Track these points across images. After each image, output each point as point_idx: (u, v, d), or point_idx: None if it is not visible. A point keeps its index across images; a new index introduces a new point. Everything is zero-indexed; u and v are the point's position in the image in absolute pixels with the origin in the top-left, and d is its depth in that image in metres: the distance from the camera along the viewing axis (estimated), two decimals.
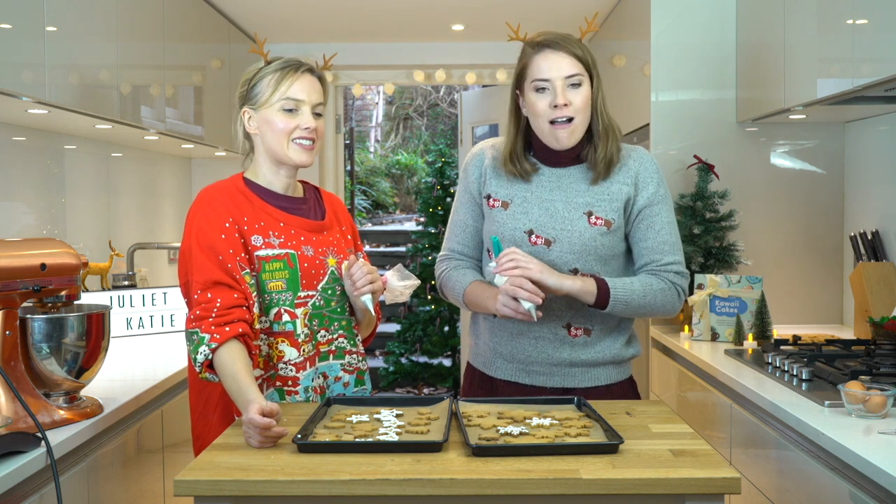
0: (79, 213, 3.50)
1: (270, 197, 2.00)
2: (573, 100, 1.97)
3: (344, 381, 2.02)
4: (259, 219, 1.95)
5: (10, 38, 2.33)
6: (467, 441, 1.52)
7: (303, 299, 1.95)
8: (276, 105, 1.95)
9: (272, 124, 1.95)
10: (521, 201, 2.06)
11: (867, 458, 1.63)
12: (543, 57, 1.99)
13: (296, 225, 1.98)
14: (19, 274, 1.84)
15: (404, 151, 13.56)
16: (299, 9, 4.39)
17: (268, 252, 1.93)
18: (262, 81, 1.97)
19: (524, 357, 2.08)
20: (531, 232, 2.04)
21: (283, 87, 1.95)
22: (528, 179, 2.07)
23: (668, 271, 2.05)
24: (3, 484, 1.56)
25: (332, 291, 2.01)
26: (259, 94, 1.97)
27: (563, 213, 2.04)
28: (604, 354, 2.09)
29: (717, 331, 3.03)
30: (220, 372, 1.77)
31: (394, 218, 12.55)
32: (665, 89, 3.52)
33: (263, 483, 1.42)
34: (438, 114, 13.72)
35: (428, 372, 7.15)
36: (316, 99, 1.98)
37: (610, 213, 2.03)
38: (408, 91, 13.32)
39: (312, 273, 1.97)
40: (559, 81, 1.97)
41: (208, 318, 1.80)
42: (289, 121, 1.95)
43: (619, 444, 1.54)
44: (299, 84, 1.96)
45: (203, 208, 1.93)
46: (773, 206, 3.50)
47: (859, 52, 2.46)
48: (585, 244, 2.02)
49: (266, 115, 1.96)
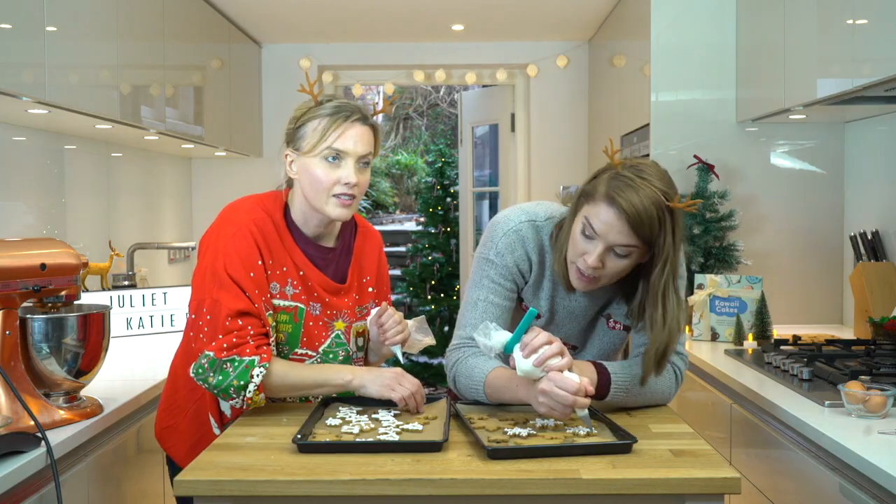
0: (79, 213, 3.50)
1: (302, 241, 1.90)
2: (609, 266, 1.75)
3: None
4: (283, 263, 1.86)
5: (10, 38, 2.33)
6: (482, 443, 1.52)
7: (299, 356, 1.89)
8: (319, 155, 1.82)
9: (313, 175, 1.82)
10: (553, 314, 1.93)
11: (867, 458, 1.63)
12: (607, 212, 1.71)
13: (314, 279, 1.89)
14: (19, 274, 1.84)
15: (404, 151, 13.56)
16: (299, 9, 4.39)
17: (280, 302, 1.86)
18: (309, 125, 1.84)
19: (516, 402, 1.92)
20: None
21: (330, 137, 1.81)
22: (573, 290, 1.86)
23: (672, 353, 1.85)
24: (3, 484, 1.56)
25: (335, 356, 1.93)
26: (303, 139, 1.84)
27: (586, 320, 1.95)
28: None
29: (717, 331, 3.03)
30: (284, 376, 1.77)
31: (394, 218, 12.55)
32: (665, 89, 3.52)
33: (263, 483, 1.42)
34: (438, 114, 13.72)
35: (428, 372, 7.14)
36: (364, 150, 1.84)
37: (627, 319, 1.93)
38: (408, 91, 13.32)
39: (315, 333, 1.90)
40: (603, 244, 1.73)
41: (245, 343, 1.74)
42: (330, 173, 1.81)
43: (632, 443, 1.53)
44: (347, 134, 1.82)
45: (236, 238, 1.82)
46: (773, 207, 3.50)
47: (859, 52, 2.46)
48: (604, 349, 1.98)
49: (308, 163, 1.83)
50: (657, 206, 1.69)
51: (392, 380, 1.77)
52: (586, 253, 1.74)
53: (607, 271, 1.76)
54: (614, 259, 1.74)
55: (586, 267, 1.75)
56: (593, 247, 1.74)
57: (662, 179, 1.74)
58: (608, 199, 1.71)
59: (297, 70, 5.01)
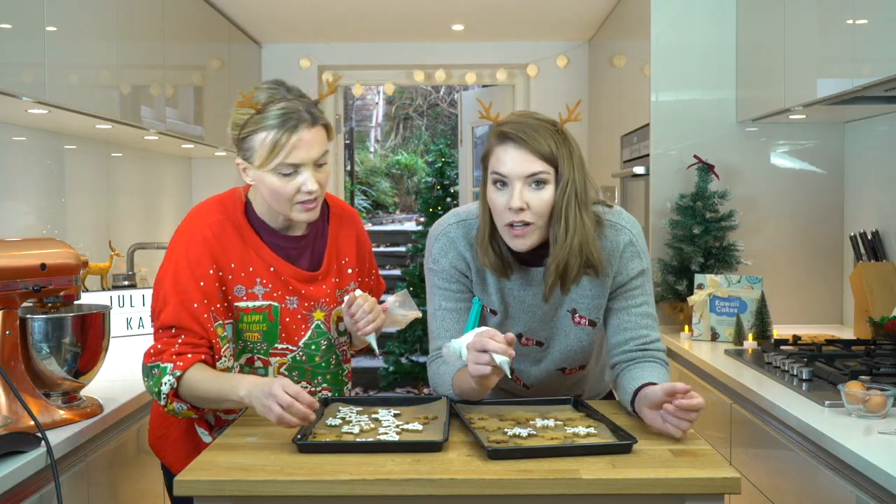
0: (79, 213, 3.50)
1: (267, 234, 1.87)
2: (532, 203, 1.74)
3: None
4: (249, 263, 1.84)
5: (10, 38, 2.33)
6: (482, 444, 1.52)
7: (280, 350, 1.89)
8: (273, 170, 1.76)
9: (270, 187, 1.78)
10: (508, 308, 1.90)
11: (867, 458, 1.63)
12: (504, 150, 1.75)
13: (286, 273, 1.87)
14: (19, 274, 1.84)
15: (404, 151, 13.56)
16: (299, 9, 4.39)
17: (248, 304, 1.84)
18: (256, 138, 1.77)
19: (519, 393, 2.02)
20: (521, 335, 1.92)
21: (281, 153, 1.74)
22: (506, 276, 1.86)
23: (658, 350, 1.90)
24: (3, 484, 1.56)
25: (317, 346, 1.92)
26: (252, 151, 1.78)
27: (550, 312, 1.90)
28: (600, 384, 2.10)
29: (717, 331, 3.03)
30: (194, 387, 1.70)
31: (394, 218, 12.56)
32: (665, 89, 3.52)
33: (263, 483, 1.42)
34: (438, 114, 13.72)
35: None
36: (318, 154, 1.78)
37: (593, 312, 1.90)
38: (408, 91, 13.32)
39: (293, 328, 1.89)
40: (518, 182, 1.74)
41: (169, 351, 1.74)
42: (287, 184, 1.76)
43: (632, 443, 1.53)
44: (300, 146, 1.75)
45: (188, 246, 1.81)
46: (773, 206, 3.50)
47: (859, 52, 2.46)
48: (570, 345, 1.92)
49: (262, 176, 1.78)
50: (545, 127, 1.76)
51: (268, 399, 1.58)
52: (508, 201, 1.74)
53: (534, 211, 1.74)
54: (533, 194, 1.74)
55: (513, 214, 1.75)
56: (509, 192, 1.75)
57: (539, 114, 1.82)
58: (501, 138, 1.77)
59: (297, 70, 5.02)
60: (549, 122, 1.79)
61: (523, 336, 1.92)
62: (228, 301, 1.84)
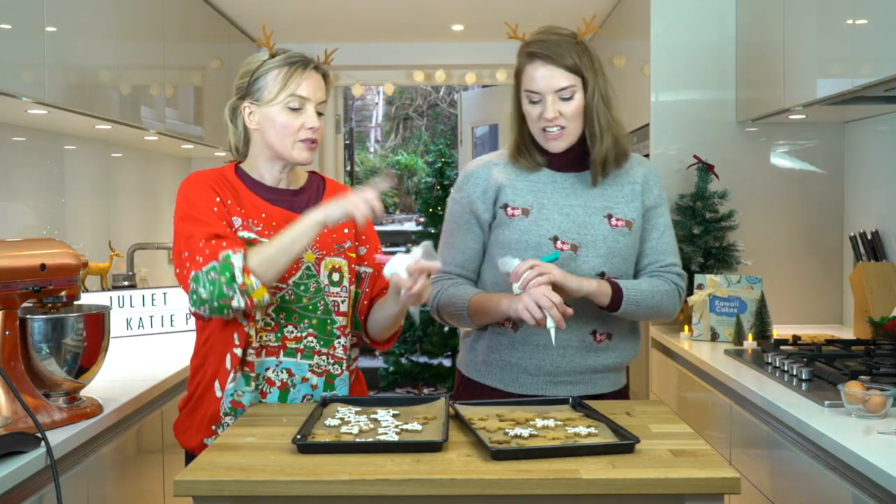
0: (79, 214, 3.50)
1: (258, 188, 1.97)
2: (564, 111, 1.98)
3: (312, 382, 1.94)
4: (241, 206, 1.93)
5: (10, 38, 2.33)
6: (485, 444, 1.52)
7: (270, 290, 1.89)
8: (281, 103, 1.90)
9: (276, 123, 1.91)
10: (541, 208, 2.04)
11: (867, 458, 1.63)
12: (534, 68, 1.98)
13: (278, 217, 1.93)
14: (19, 274, 1.84)
15: (404, 151, 13.56)
16: (299, 9, 4.40)
17: (245, 234, 1.90)
18: (268, 76, 1.92)
19: (552, 369, 2.05)
20: (556, 238, 2.02)
21: (291, 85, 1.90)
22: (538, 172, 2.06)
23: (670, 272, 2.10)
24: (3, 484, 1.56)
25: (306, 288, 1.95)
26: (263, 90, 1.92)
27: (584, 217, 2.04)
28: (624, 357, 2.12)
29: (717, 331, 3.03)
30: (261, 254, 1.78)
31: (394, 218, 12.56)
32: (665, 89, 3.52)
33: (263, 483, 1.42)
34: (438, 114, 13.72)
35: (428, 372, 7.14)
36: (321, 97, 1.94)
37: (629, 214, 2.07)
38: (408, 91, 13.32)
39: None
40: (550, 95, 1.97)
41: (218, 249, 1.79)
42: (294, 119, 1.90)
43: (634, 443, 1.53)
44: (307, 82, 1.91)
45: (193, 187, 1.91)
46: (773, 206, 3.50)
47: (859, 52, 2.46)
48: (610, 247, 2.03)
49: (270, 112, 1.91)
50: (568, 41, 2.00)
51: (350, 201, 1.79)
52: (542, 113, 1.98)
53: (567, 118, 1.98)
54: (564, 104, 1.98)
55: (549, 122, 1.98)
56: (544, 104, 1.98)
57: (560, 27, 2.05)
58: (530, 58, 2.00)
59: None
60: (570, 35, 2.02)
61: (559, 239, 2.02)
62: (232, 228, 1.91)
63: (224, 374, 1.91)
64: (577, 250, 2.02)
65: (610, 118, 2.02)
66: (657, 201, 2.13)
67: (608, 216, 2.05)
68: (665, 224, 2.13)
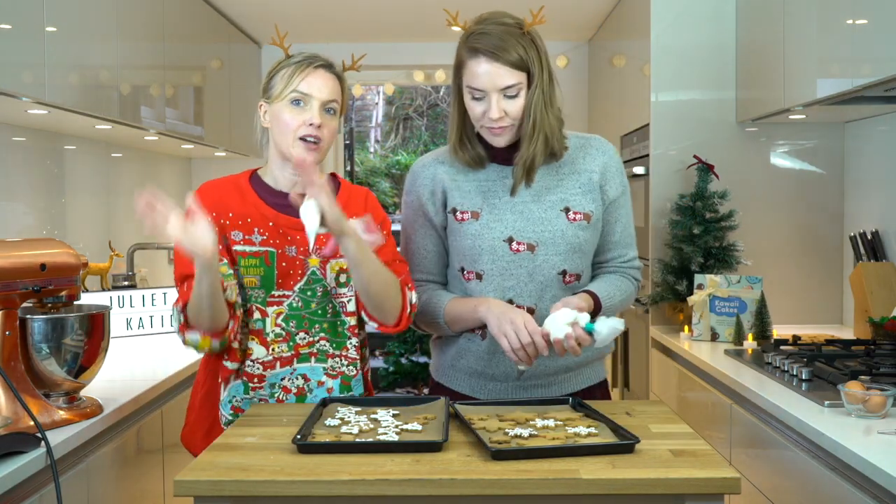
0: (79, 214, 3.50)
1: (269, 194, 1.96)
2: (509, 110, 1.87)
3: (327, 385, 1.95)
4: (246, 215, 1.93)
5: (10, 38, 2.33)
6: (485, 444, 1.52)
7: (277, 298, 1.92)
8: (286, 99, 1.91)
9: (280, 118, 1.91)
10: (492, 208, 1.96)
11: (867, 458, 1.63)
12: (477, 64, 1.86)
13: (284, 224, 1.93)
14: (19, 274, 1.84)
15: (404, 151, 13.56)
16: (299, 9, 4.40)
17: (244, 248, 1.91)
18: (278, 75, 1.95)
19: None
20: (511, 240, 1.94)
21: (294, 81, 1.91)
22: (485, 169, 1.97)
23: (632, 267, 2.06)
24: (3, 484, 1.56)
25: (313, 293, 1.95)
26: (273, 87, 1.94)
27: (539, 213, 1.95)
28: (596, 351, 2.05)
29: (717, 331, 3.03)
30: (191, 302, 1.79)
31: (394, 218, 12.55)
32: (665, 89, 3.52)
33: (263, 483, 1.42)
34: (438, 114, 13.72)
35: (428, 372, 7.14)
36: (327, 96, 1.92)
37: (587, 206, 1.96)
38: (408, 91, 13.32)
39: (290, 273, 1.93)
40: (494, 94, 1.85)
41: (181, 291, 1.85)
42: (296, 116, 1.90)
43: (634, 443, 1.53)
44: (311, 78, 1.91)
45: None
46: (773, 206, 3.50)
47: (859, 52, 2.46)
48: (570, 244, 1.95)
49: (277, 109, 1.92)
50: (513, 35, 1.85)
51: None
52: (486, 111, 1.87)
53: (512, 116, 1.88)
54: (509, 102, 1.86)
55: (493, 122, 1.87)
56: (488, 102, 1.86)
57: (506, 15, 1.90)
58: (473, 53, 1.87)
59: None
60: (516, 25, 1.88)
61: (514, 241, 1.94)
62: (227, 245, 1.91)
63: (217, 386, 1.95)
64: (535, 249, 1.94)
65: (546, 117, 1.89)
66: (619, 191, 2.01)
67: (565, 209, 1.95)
68: (626, 215, 2.04)
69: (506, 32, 1.85)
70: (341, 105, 1.97)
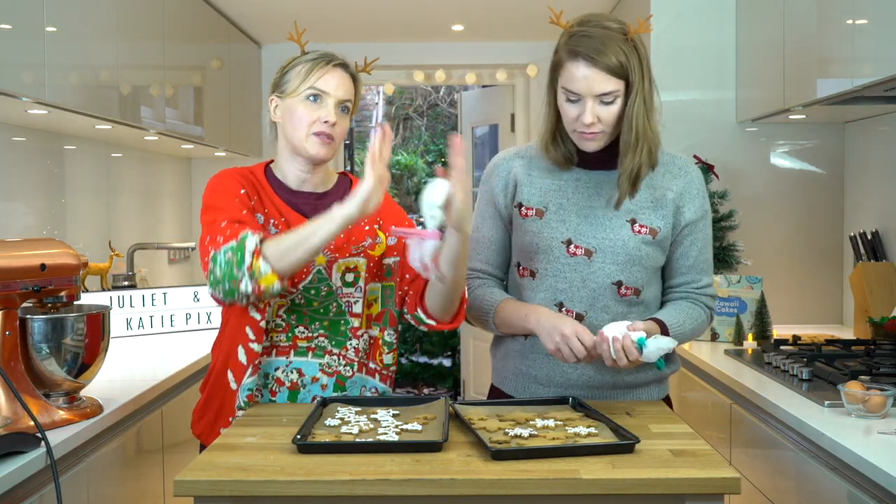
0: (79, 214, 3.50)
1: (282, 190, 1.96)
2: (603, 117, 1.81)
3: (322, 382, 1.93)
4: (265, 206, 1.93)
5: (10, 38, 2.33)
6: (485, 444, 1.52)
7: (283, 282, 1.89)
8: (301, 95, 1.91)
9: (294, 114, 1.91)
10: (557, 208, 1.92)
11: (867, 458, 1.63)
12: (576, 67, 1.79)
13: (295, 222, 1.92)
14: (19, 274, 1.84)
15: (404, 151, 13.56)
16: (299, 9, 4.39)
17: None
18: (293, 70, 1.94)
19: (562, 380, 1.94)
20: (569, 241, 1.90)
21: (311, 78, 1.91)
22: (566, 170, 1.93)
23: (705, 295, 1.98)
24: (3, 484, 1.56)
25: (316, 292, 1.93)
26: (287, 83, 1.94)
27: (604, 219, 1.90)
28: (646, 375, 1.98)
29: (717, 331, 3.03)
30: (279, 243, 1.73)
31: None
32: (665, 89, 3.48)
33: (263, 483, 1.42)
34: (438, 114, 13.73)
35: (428, 372, 7.15)
36: (343, 95, 1.93)
37: (655, 221, 1.91)
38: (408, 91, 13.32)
39: None
40: (590, 99, 1.80)
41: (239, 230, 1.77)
42: (311, 112, 1.90)
43: (635, 443, 1.53)
44: (328, 76, 1.92)
45: (218, 180, 1.93)
46: (773, 206, 3.50)
47: (859, 52, 2.46)
48: (630, 254, 1.89)
49: (290, 104, 1.92)
50: (616, 41, 1.80)
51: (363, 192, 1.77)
52: (580, 115, 1.82)
53: (605, 123, 1.83)
54: (605, 108, 1.82)
55: (586, 127, 1.82)
56: (582, 106, 1.81)
57: (610, 19, 1.85)
58: (573, 56, 1.80)
59: None
60: (619, 30, 1.82)
61: (572, 243, 1.91)
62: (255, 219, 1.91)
63: (237, 367, 1.89)
64: (592, 255, 1.89)
65: (648, 127, 1.85)
66: (698, 214, 1.94)
67: (631, 221, 1.90)
68: (703, 240, 1.96)
69: (608, 37, 1.80)
70: (354, 105, 1.98)
